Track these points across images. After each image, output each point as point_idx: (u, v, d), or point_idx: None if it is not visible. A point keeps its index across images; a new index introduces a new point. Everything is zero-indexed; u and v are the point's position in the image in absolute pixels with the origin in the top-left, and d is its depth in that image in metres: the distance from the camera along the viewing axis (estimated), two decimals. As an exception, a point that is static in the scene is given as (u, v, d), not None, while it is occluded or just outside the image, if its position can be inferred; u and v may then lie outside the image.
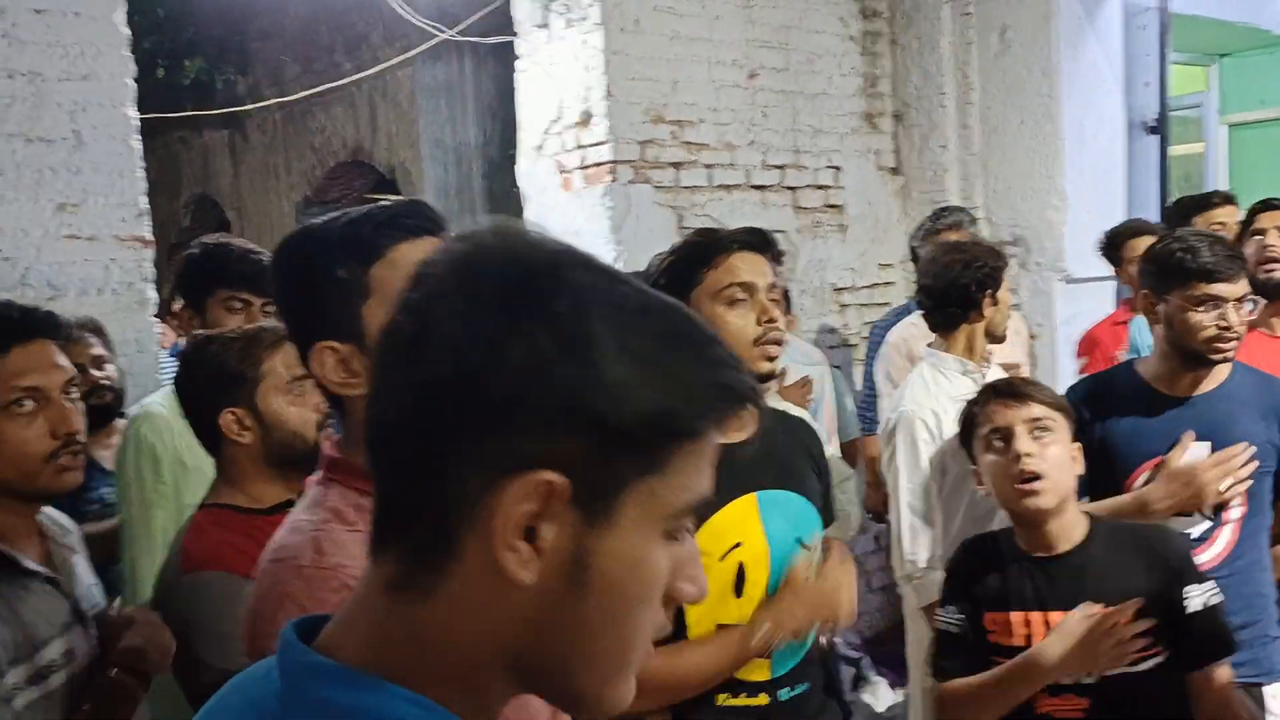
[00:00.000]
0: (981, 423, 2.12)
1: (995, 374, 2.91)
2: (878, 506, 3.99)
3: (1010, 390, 2.13)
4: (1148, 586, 1.95)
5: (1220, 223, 3.40)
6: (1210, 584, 2.00)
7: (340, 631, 0.70)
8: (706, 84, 4.55)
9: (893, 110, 5.24)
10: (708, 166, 4.54)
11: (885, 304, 5.20)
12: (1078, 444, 2.12)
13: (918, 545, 2.76)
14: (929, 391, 2.78)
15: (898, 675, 4.34)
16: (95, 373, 2.82)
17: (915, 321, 3.95)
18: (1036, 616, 2.01)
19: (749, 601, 1.92)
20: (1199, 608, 1.96)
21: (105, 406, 2.78)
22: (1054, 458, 2.03)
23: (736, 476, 1.92)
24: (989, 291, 2.76)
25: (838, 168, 5.03)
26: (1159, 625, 1.93)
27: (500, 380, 0.64)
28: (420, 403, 0.67)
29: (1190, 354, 2.34)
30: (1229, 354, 2.33)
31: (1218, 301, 2.28)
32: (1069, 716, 1.98)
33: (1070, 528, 2.05)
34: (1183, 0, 5.27)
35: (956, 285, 2.76)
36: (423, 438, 0.67)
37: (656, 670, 1.79)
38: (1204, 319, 2.29)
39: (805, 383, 3.30)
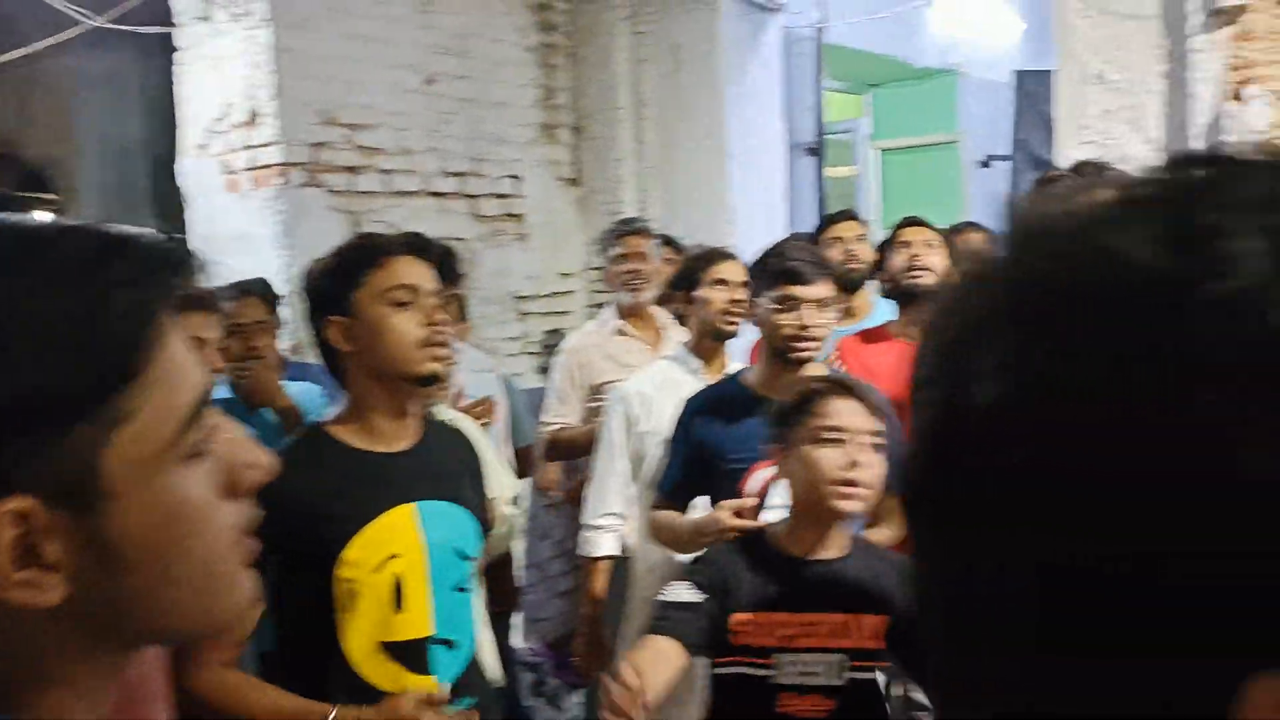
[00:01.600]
0: (819, 413, 2.02)
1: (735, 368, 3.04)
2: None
3: (860, 397, 2.03)
4: (898, 600, 1.96)
5: (838, 236, 3.67)
6: None
7: None
8: (383, 87, 4.46)
9: (572, 122, 5.34)
10: (384, 171, 4.46)
11: (566, 312, 5.30)
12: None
13: (593, 503, 3.05)
14: (649, 377, 3.01)
15: (579, 679, 4.41)
16: None
17: (591, 330, 4.05)
18: (792, 618, 1.97)
19: (410, 614, 1.89)
20: None
21: None
22: (878, 473, 1.99)
23: (393, 487, 1.89)
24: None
25: (518, 177, 5.07)
26: (901, 639, 1.95)
27: None
28: None
29: (778, 354, 2.46)
30: (807, 354, 2.43)
31: (796, 302, 2.41)
32: (813, 717, 1.97)
33: (841, 535, 2.04)
34: (836, 32, 5.69)
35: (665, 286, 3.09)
36: None
37: (234, 695, 1.80)
38: (783, 319, 2.41)
39: (485, 404, 3.28)
